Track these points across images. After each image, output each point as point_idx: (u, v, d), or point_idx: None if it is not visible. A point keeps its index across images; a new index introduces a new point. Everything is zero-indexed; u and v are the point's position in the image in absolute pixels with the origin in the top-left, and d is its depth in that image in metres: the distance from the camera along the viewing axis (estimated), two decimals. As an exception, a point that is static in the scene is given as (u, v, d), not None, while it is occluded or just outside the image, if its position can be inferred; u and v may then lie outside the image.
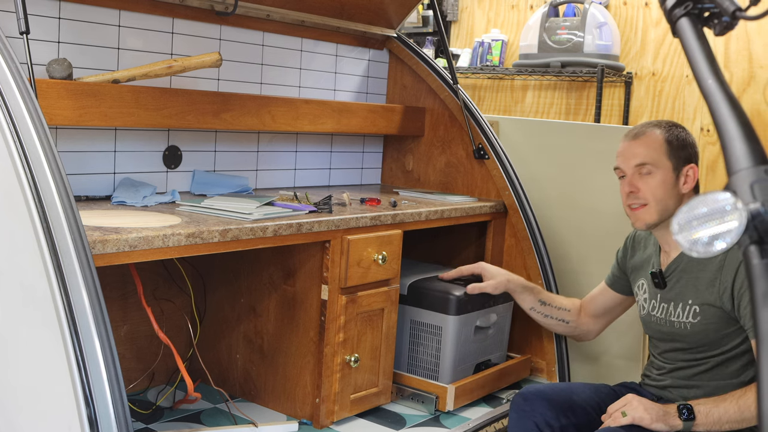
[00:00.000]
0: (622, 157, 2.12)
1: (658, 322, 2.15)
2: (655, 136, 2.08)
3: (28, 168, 1.44)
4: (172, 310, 2.48)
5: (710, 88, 0.96)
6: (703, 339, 2.05)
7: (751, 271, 0.82)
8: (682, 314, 2.08)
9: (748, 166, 0.87)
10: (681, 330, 2.08)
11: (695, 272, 2.07)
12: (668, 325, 2.11)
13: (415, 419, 2.37)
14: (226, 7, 2.50)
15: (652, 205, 2.07)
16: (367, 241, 2.27)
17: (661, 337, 2.16)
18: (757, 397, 0.81)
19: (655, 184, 2.06)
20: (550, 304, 2.51)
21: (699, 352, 2.07)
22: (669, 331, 2.12)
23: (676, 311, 2.10)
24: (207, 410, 2.31)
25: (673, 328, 2.10)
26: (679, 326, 2.08)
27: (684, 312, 2.07)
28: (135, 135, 2.37)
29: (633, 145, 2.10)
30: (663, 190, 2.06)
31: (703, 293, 2.04)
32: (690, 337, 2.07)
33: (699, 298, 2.04)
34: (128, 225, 1.80)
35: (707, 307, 2.03)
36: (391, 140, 3.23)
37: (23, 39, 1.78)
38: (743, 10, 1.02)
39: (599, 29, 4.19)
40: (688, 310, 2.07)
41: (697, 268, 2.06)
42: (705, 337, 2.05)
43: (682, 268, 2.10)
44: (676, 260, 2.12)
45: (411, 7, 3.06)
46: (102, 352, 1.36)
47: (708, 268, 2.04)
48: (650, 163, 2.07)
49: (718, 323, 2.02)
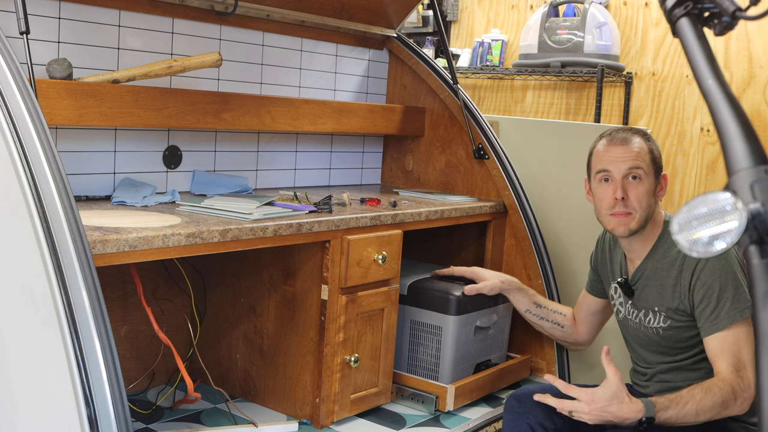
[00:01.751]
0: (611, 161, 2.08)
1: (635, 327, 2.17)
2: (641, 143, 2.09)
3: (28, 168, 1.44)
4: (172, 310, 2.48)
5: (710, 88, 0.96)
6: (677, 342, 2.07)
7: (751, 271, 0.82)
8: (653, 320, 2.09)
9: (748, 166, 0.87)
10: (654, 335, 2.10)
11: (659, 279, 2.07)
12: (643, 330, 2.13)
13: (415, 419, 2.37)
14: (226, 7, 2.50)
15: (638, 213, 2.06)
16: (367, 241, 2.27)
17: (639, 341, 2.17)
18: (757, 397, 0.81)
19: (643, 191, 2.06)
20: (545, 307, 2.53)
21: (677, 353, 2.09)
22: (645, 336, 2.13)
23: (647, 318, 2.11)
24: (207, 410, 2.31)
25: (648, 333, 2.12)
26: (653, 332, 2.10)
27: (654, 318, 2.09)
28: (135, 135, 2.37)
29: (623, 150, 2.08)
30: (647, 198, 2.07)
31: (667, 299, 2.05)
32: (665, 340, 2.09)
33: (664, 303, 2.06)
34: (128, 225, 1.80)
35: (673, 311, 2.04)
36: (391, 140, 3.23)
37: (23, 39, 1.78)
38: (743, 10, 1.02)
39: (599, 29, 4.19)
40: (657, 317, 2.08)
41: (661, 275, 2.07)
42: (678, 340, 2.06)
43: (647, 276, 2.10)
44: (640, 268, 2.12)
45: (411, 7, 3.06)
46: (102, 352, 1.36)
47: (670, 273, 2.05)
48: (642, 168, 2.06)
49: (688, 325, 2.03)
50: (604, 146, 2.12)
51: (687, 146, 4.15)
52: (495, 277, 2.53)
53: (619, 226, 2.09)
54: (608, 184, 2.10)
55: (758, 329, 0.81)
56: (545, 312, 2.52)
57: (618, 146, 2.09)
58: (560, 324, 2.51)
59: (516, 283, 2.54)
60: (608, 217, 2.10)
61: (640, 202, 2.06)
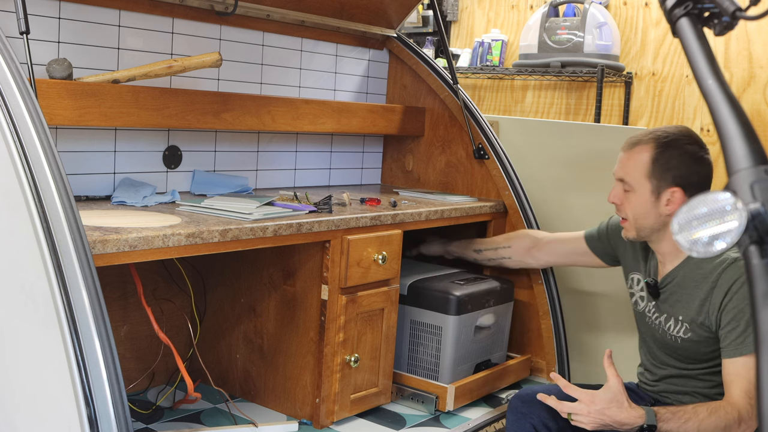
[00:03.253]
0: (617, 164, 2.10)
1: (653, 326, 2.14)
2: (643, 154, 2.02)
3: (28, 168, 1.44)
4: (172, 310, 2.48)
5: (710, 88, 0.96)
6: (694, 354, 2.05)
7: (751, 271, 0.82)
8: (674, 328, 2.07)
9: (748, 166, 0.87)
10: (673, 342, 2.08)
11: (689, 289, 2.04)
12: (661, 333, 2.11)
13: (415, 419, 2.37)
14: (226, 7, 2.50)
15: (630, 221, 2.06)
16: (367, 241, 2.27)
17: (655, 340, 2.15)
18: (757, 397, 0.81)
19: (634, 201, 2.04)
20: (487, 249, 2.69)
21: (690, 362, 2.07)
22: (662, 338, 2.11)
23: (668, 323, 2.09)
24: (207, 410, 2.31)
25: (666, 338, 2.09)
26: (671, 338, 2.08)
27: (675, 326, 2.06)
28: (135, 135, 2.37)
29: (623, 157, 2.07)
30: (641, 209, 2.04)
31: (693, 311, 2.02)
32: (681, 350, 2.07)
33: (689, 315, 2.03)
34: (128, 225, 1.80)
35: (697, 325, 2.01)
36: (391, 140, 3.23)
37: (23, 39, 1.78)
38: (743, 10, 1.02)
39: (599, 29, 4.19)
40: (680, 326, 2.05)
41: (691, 285, 2.03)
42: (696, 352, 2.04)
43: (677, 283, 2.07)
44: (672, 273, 2.08)
45: (411, 7, 3.06)
46: (102, 352, 1.36)
47: (701, 286, 2.01)
48: (627, 181, 2.05)
49: (708, 341, 2.01)
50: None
51: (687, 146, 4.14)
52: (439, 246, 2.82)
53: (622, 231, 2.11)
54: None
55: (758, 329, 0.81)
56: (489, 254, 2.69)
57: (623, 153, 2.09)
58: (506, 257, 2.65)
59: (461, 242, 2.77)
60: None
61: (632, 210, 2.05)
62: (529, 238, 2.62)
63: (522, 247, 2.61)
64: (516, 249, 2.61)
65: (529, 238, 2.61)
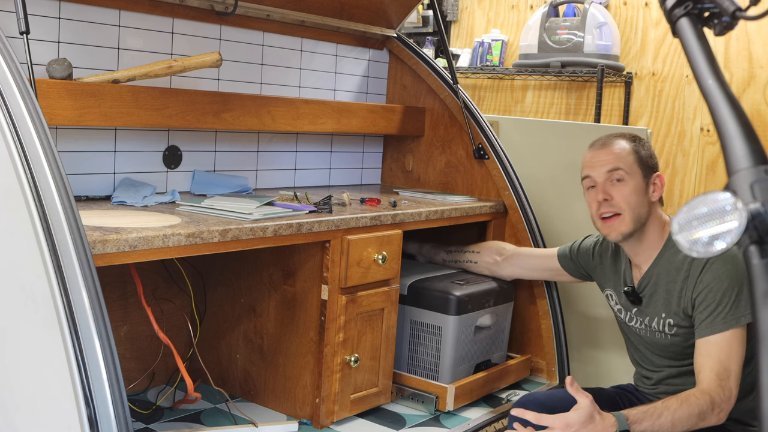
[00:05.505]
0: (591, 166, 2.10)
1: (639, 332, 2.15)
2: (623, 145, 2.08)
3: (28, 168, 1.44)
4: (172, 310, 2.48)
5: (710, 88, 0.96)
6: (684, 348, 2.05)
7: (751, 271, 0.82)
8: (659, 326, 2.08)
9: (748, 166, 0.87)
10: (663, 340, 2.08)
11: (666, 285, 2.05)
12: (650, 335, 2.12)
13: (415, 419, 2.37)
14: (226, 7, 2.50)
15: (627, 213, 2.04)
16: (367, 241, 2.27)
17: (645, 345, 2.16)
18: (757, 396, 0.81)
19: (628, 191, 2.04)
20: (457, 251, 2.74)
21: (684, 358, 2.07)
22: (652, 340, 2.12)
23: (652, 324, 2.09)
24: (207, 410, 2.31)
25: (655, 338, 2.10)
26: (660, 336, 2.09)
27: (660, 324, 2.07)
28: (135, 135, 2.37)
29: (602, 153, 2.08)
30: (636, 197, 2.04)
31: (674, 304, 2.03)
32: (672, 346, 2.07)
33: (671, 309, 2.04)
34: (128, 225, 1.80)
35: (680, 318, 2.02)
36: (391, 140, 3.23)
37: (23, 39, 1.78)
38: (743, 10, 1.02)
39: (599, 29, 4.19)
40: (664, 323, 2.06)
41: (667, 280, 2.05)
42: (686, 346, 2.04)
43: (655, 282, 2.08)
44: (647, 275, 2.09)
45: (411, 7, 3.06)
46: (102, 352, 1.36)
47: (677, 278, 2.02)
48: (623, 168, 2.05)
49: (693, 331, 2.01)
50: (588, 153, 2.14)
51: (687, 146, 4.15)
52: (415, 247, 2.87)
53: (611, 231, 2.08)
54: (594, 189, 2.10)
55: (758, 329, 0.81)
56: (457, 255, 2.74)
57: (598, 150, 2.10)
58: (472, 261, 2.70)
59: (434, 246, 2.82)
60: (600, 222, 2.10)
61: (627, 201, 2.04)
62: (498, 247, 2.67)
63: (489, 254, 2.66)
64: (483, 255, 2.67)
65: (499, 247, 2.67)
